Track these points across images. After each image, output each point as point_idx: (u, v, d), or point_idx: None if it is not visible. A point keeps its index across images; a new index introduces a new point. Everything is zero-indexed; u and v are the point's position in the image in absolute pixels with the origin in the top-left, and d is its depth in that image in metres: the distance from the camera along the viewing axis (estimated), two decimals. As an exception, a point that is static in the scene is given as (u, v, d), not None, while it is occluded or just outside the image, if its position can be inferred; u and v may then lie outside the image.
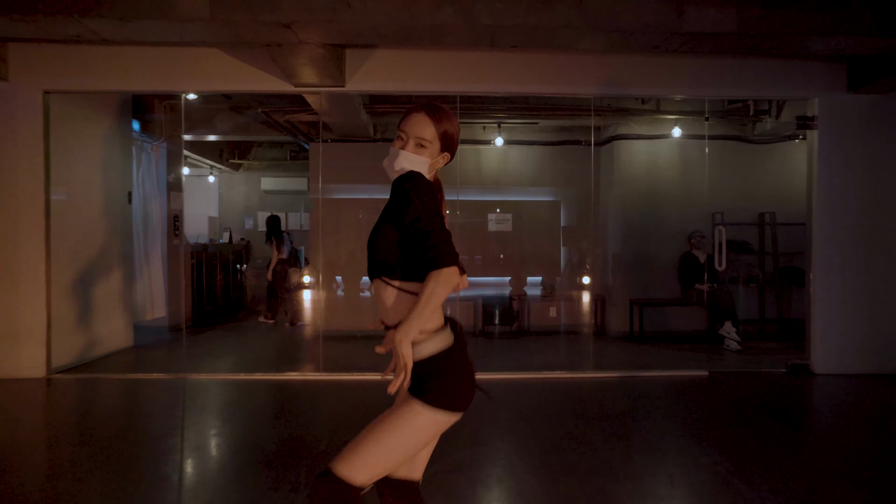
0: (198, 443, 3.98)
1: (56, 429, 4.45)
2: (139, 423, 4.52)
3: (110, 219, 6.95)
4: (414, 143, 1.88)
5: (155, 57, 5.67)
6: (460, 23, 4.24)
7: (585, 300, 8.96)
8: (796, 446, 4.01)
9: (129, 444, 3.95)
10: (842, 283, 6.02)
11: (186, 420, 4.46)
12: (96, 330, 6.64)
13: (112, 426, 4.42)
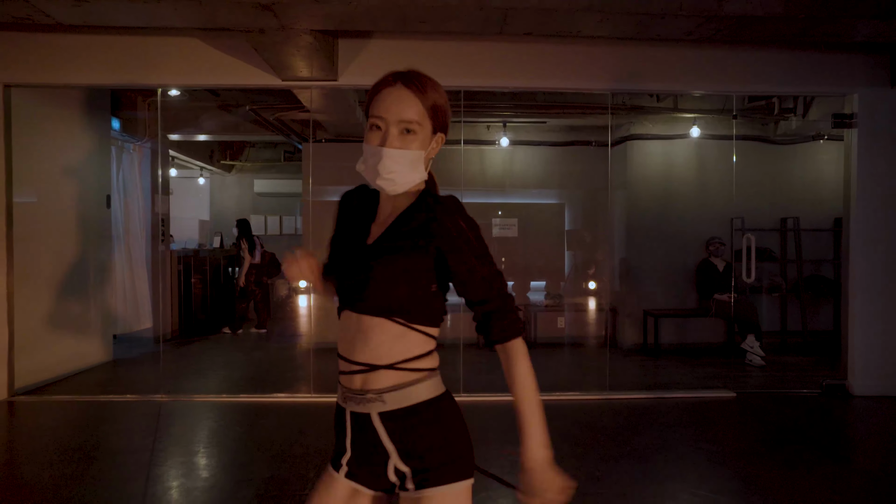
0: (164, 474, 3.43)
1: (13, 454, 3.90)
2: (100, 451, 3.97)
3: (85, 224, 6.41)
4: (398, 132, 1.37)
5: (128, 48, 5.13)
6: (468, 2, 3.70)
7: (592, 305, 8.43)
8: (840, 482, 3.46)
9: (88, 471, 3.41)
10: (883, 294, 5.48)
11: (155, 449, 3.91)
12: (69, 345, 6.10)
13: (73, 453, 3.87)
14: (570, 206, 8.87)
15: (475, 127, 8.33)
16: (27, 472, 3.65)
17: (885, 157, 5.46)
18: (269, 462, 3.77)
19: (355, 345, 1.35)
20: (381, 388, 1.33)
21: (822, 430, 4.59)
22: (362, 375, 1.35)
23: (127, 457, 3.89)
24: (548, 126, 8.32)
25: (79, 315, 6.32)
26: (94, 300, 6.60)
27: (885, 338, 5.47)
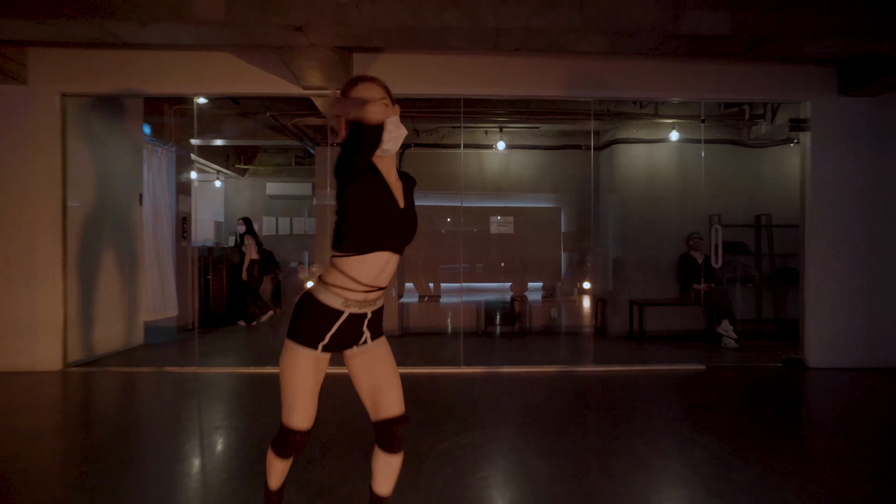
0: (215, 424, 4.13)
1: (72, 417, 4.61)
2: (150, 411, 4.68)
3: (122, 220, 7.13)
4: (384, 105, 2.09)
5: (168, 61, 5.88)
6: (465, 24, 4.43)
7: (586, 301, 9.13)
8: (788, 431, 4.16)
9: (139, 430, 4.11)
10: (834, 280, 6.19)
11: (197, 409, 4.62)
12: (108, 327, 6.81)
13: (124, 414, 4.58)
14: (566, 209, 9.59)
15: (474, 132, 9.07)
16: (87, 431, 4.35)
17: (835, 159, 6.17)
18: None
19: (381, 275, 2.11)
20: (376, 298, 2.16)
21: (776, 391, 5.28)
22: (376, 293, 2.14)
23: (168, 418, 4.59)
24: (541, 131, 9.05)
25: (118, 301, 7.03)
26: (128, 289, 7.31)
27: (835, 318, 6.17)
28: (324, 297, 2.08)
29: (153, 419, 4.43)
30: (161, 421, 4.34)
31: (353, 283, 2.06)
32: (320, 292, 2.09)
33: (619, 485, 3.12)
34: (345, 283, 2.06)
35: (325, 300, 2.08)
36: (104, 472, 3.30)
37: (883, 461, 3.53)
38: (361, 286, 2.07)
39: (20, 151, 5.79)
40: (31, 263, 5.81)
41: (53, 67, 5.82)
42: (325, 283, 2.10)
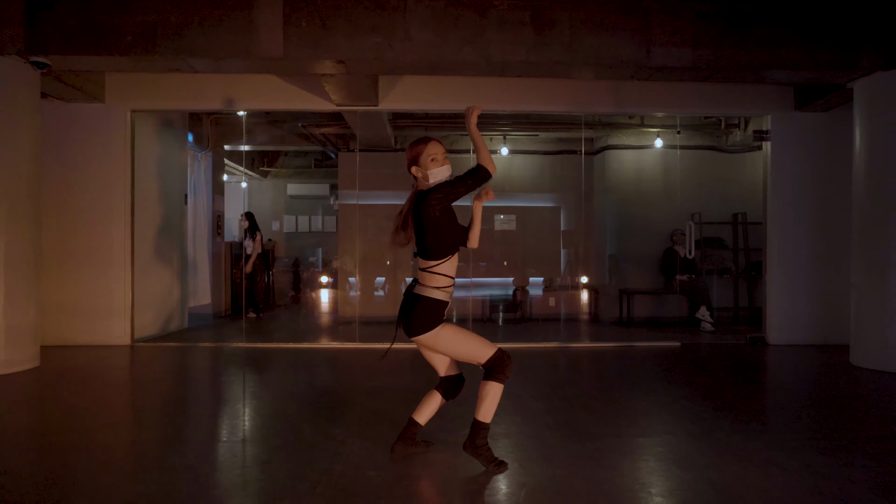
0: (267, 387, 5.18)
1: (147, 380, 5.66)
2: (205, 378, 5.74)
3: (172, 218, 8.16)
4: (442, 157, 3.05)
5: (221, 81, 6.91)
6: (478, 59, 5.46)
7: (583, 293, 10.17)
8: (743, 389, 5.19)
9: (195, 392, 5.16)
10: (791, 269, 7.22)
11: (250, 376, 5.66)
12: (163, 312, 7.85)
13: (186, 381, 5.63)
14: (565, 209, 10.60)
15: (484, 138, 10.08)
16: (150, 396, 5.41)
17: (792, 165, 7.20)
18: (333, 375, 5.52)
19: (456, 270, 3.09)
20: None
21: (737, 362, 6.30)
22: (453, 286, 3.05)
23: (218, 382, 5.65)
24: (540, 138, 10.08)
25: (169, 289, 8.07)
26: (177, 279, 8.35)
27: (792, 302, 7.20)
28: (439, 296, 2.97)
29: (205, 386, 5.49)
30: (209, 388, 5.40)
31: (449, 280, 3.01)
32: (436, 295, 2.95)
33: (600, 419, 4.15)
34: (446, 282, 2.99)
35: (441, 298, 2.97)
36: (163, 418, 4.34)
37: (816, 410, 4.57)
38: (452, 280, 3.05)
39: (97, 160, 6.83)
40: (106, 256, 6.86)
41: (125, 88, 6.86)
42: (434, 288, 2.95)
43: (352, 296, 9.77)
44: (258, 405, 4.53)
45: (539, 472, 3.07)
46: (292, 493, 2.74)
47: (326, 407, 4.37)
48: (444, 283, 3.00)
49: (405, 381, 5.25)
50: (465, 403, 3.49)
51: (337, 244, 10.55)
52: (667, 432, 3.81)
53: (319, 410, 4.26)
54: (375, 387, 4.97)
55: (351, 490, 2.78)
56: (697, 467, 3.11)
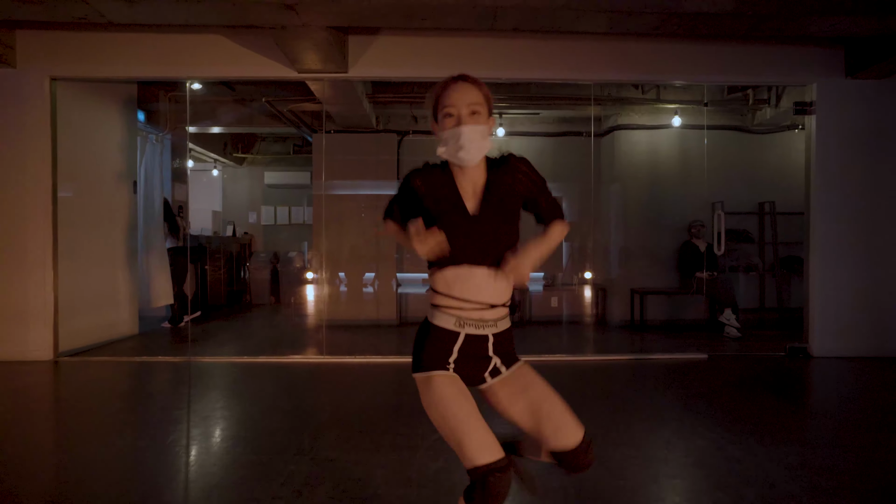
0: (204, 414, 4.04)
1: (62, 404, 4.52)
2: (141, 399, 4.59)
3: (116, 208, 7.02)
4: (468, 113, 1.79)
5: (159, 44, 5.74)
6: (463, 1, 4.30)
7: (587, 290, 9.03)
8: (791, 419, 4.06)
9: (131, 415, 4.02)
10: (839, 267, 6.07)
11: (191, 397, 4.53)
12: (102, 316, 6.72)
13: (115, 402, 4.49)
14: (567, 198, 9.45)
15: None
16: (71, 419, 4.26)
17: (840, 143, 6.05)
18: (290, 400, 4.37)
19: (480, 289, 1.81)
20: (495, 318, 1.85)
21: (780, 382, 5.17)
22: (481, 310, 1.82)
23: (157, 407, 4.50)
24: (541, 118, 8.92)
25: (112, 290, 6.93)
26: (123, 278, 7.21)
27: (840, 306, 6.06)
28: (431, 316, 1.89)
29: (143, 404, 4.35)
30: (152, 406, 4.26)
31: (453, 299, 1.85)
32: (429, 314, 1.90)
33: (615, 473, 3.02)
34: (448, 301, 1.85)
35: (431, 320, 1.88)
36: (81, 459, 3.21)
37: (883, 447, 3.43)
38: (467, 302, 1.83)
39: (9, 136, 5.68)
40: (21, 251, 5.71)
41: (43, 50, 5.69)
42: (430, 305, 1.90)
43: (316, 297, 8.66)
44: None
45: None
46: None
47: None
48: (438, 300, 1.88)
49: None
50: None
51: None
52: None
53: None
54: (295, 407, 3.84)
55: None
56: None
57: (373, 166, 8.72)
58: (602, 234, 8.96)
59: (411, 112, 8.55)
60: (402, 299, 8.73)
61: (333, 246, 8.57)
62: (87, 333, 6.42)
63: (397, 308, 8.63)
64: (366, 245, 8.70)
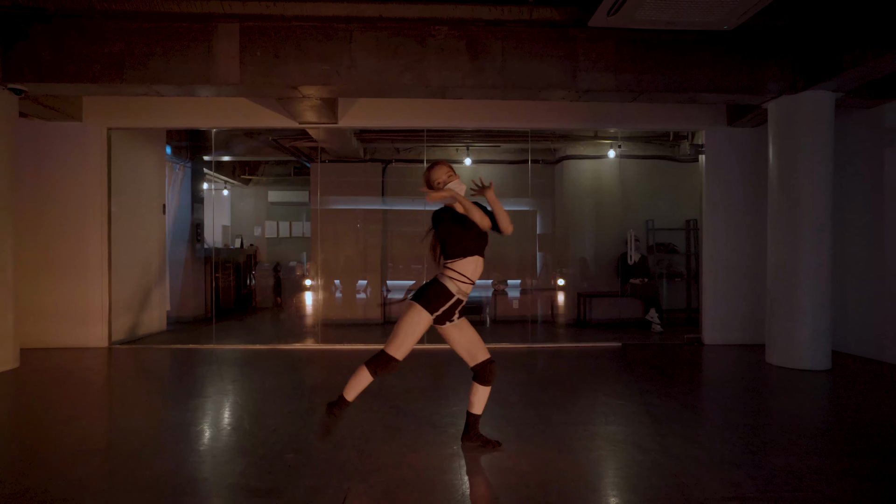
0: (236, 377, 5.69)
1: (122, 379, 6.17)
2: (184, 374, 6.25)
3: (150, 226, 8.67)
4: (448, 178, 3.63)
5: (193, 102, 7.43)
6: (418, 84, 5.98)
7: (543, 294, 10.67)
8: (658, 384, 5.69)
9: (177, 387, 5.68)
10: (724, 273, 7.73)
11: (222, 373, 6.18)
12: (141, 315, 8.36)
13: (166, 379, 6.15)
14: (541, 214, 11.05)
15: (446, 149, 10.62)
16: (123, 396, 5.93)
17: (725, 176, 7.72)
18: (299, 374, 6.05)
19: (476, 273, 3.55)
20: (469, 292, 3.58)
21: (666, 360, 6.81)
22: (469, 286, 3.54)
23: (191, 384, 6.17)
24: (502, 149, 10.59)
25: (147, 294, 8.58)
26: (155, 284, 8.86)
27: (725, 304, 7.72)
28: (448, 285, 3.50)
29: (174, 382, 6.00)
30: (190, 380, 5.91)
31: (465, 277, 3.53)
32: (445, 281, 3.49)
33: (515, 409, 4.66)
34: (461, 278, 3.51)
35: (449, 287, 3.49)
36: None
37: (729, 401, 5.09)
38: (465, 277, 3.53)
39: (75, 174, 7.35)
40: (82, 262, 7.37)
41: (102, 108, 7.38)
42: (448, 278, 3.47)
43: (316, 299, 10.30)
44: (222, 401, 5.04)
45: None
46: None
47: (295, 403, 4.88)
48: (454, 276, 3.51)
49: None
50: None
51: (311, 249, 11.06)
52: (540, 420, 4.32)
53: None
54: (318, 384, 5.48)
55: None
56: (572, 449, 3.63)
57: (362, 189, 10.39)
58: (558, 246, 10.61)
59: (393, 145, 10.22)
60: (387, 302, 10.37)
61: (329, 257, 10.24)
62: (130, 328, 8.06)
63: (382, 310, 10.28)
64: (357, 256, 10.36)
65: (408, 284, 10.70)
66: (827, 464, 3.47)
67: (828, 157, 6.13)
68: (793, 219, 6.20)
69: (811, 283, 6.14)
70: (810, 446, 3.79)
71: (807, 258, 6.14)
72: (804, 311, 6.15)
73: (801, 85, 6.01)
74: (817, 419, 4.53)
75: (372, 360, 3.46)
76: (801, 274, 6.16)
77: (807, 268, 6.14)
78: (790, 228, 6.23)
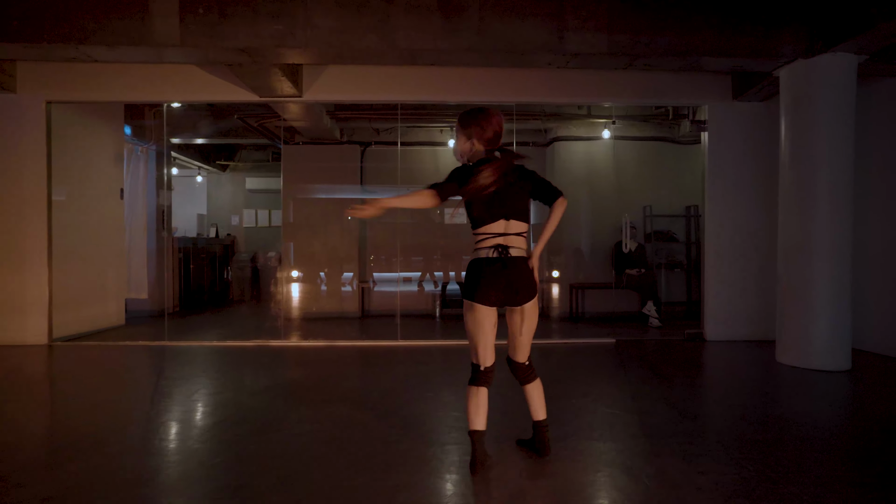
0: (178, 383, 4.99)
1: (54, 379, 5.47)
2: (125, 374, 5.54)
3: (104, 213, 7.95)
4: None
5: (142, 72, 6.70)
6: (383, 47, 5.25)
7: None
8: (654, 387, 5.00)
9: (113, 391, 4.97)
10: (728, 263, 7.03)
11: (169, 372, 5.48)
12: (92, 308, 7.64)
13: (104, 379, 5.44)
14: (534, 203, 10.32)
15: (430, 130, 9.90)
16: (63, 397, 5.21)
17: (730, 155, 7.00)
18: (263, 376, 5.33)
19: (511, 228, 3.02)
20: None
21: (666, 358, 6.11)
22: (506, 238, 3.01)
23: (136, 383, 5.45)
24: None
25: (101, 285, 7.87)
26: (111, 274, 8.14)
27: (728, 296, 7.02)
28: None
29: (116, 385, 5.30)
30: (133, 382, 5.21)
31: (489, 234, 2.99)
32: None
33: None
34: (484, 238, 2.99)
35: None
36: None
37: (736, 409, 4.39)
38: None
39: (9, 153, 6.62)
40: (19, 251, 6.65)
41: (40, 79, 6.64)
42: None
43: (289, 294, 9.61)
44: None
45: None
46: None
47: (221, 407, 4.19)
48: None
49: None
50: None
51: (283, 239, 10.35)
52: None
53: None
54: (267, 386, 4.79)
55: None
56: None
57: (339, 174, 9.66)
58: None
59: (371, 125, 9.49)
60: (365, 294, 9.67)
61: (302, 248, 9.53)
62: (79, 322, 7.34)
63: (360, 303, 9.58)
64: (333, 248, 9.65)
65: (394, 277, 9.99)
66: (865, 499, 2.77)
67: (849, 129, 5.41)
68: (808, 199, 5.49)
69: (828, 270, 5.43)
70: (840, 472, 3.08)
71: (823, 243, 5.44)
72: (820, 302, 5.45)
73: (820, 46, 5.28)
74: (843, 433, 3.81)
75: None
76: (816, 260, 5.45)
77: (823, 253, 5.44)
78: (804, 209, 5.52)
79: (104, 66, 6.60)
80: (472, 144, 2.98)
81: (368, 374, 5.53)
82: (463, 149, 3.01)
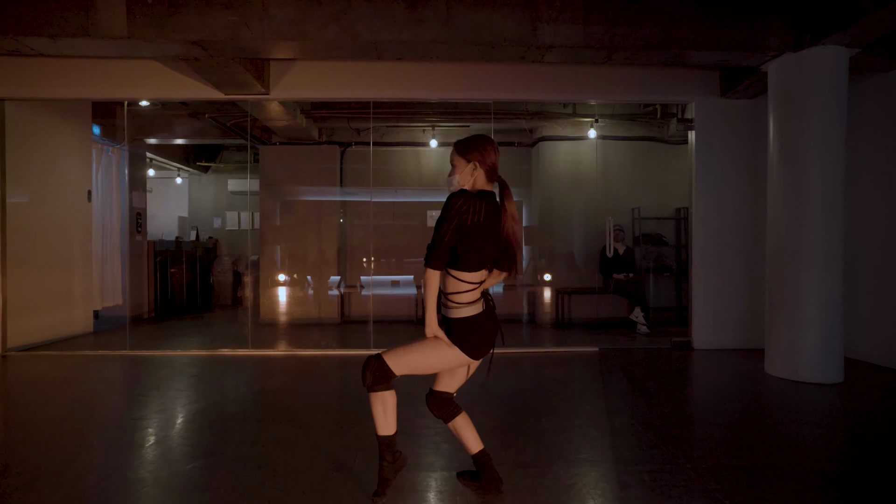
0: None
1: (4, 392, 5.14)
2: (77, 387, 5.21)
3: (69, 215, 7.62)
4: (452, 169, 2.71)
5: (102, 69, 6.36)
6: (345, 39, 4.93)
7: (517, 293, 9.63)
8: (634, 404, 4.67)
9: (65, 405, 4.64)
10: (717, 268, 6.70)
11: (117, 386, 5.15)
12: (55, 315, 7.31)
13: (57, 392, 5.12)
14: (528, 204, 10.01)
15: (412, 131, 9.57)
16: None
17: (718, 155, 6.68)
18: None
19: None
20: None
21: (644, 370, 5.78)
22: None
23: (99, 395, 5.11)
24: (472, 129, 9.52)
25: (66, 292, 7.53)
26: (77, 280, 7.81)
27: (717, 302, 6.69)
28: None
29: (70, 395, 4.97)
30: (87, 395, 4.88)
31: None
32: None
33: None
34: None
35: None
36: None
37: (723, 431, 4.06)
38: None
39: (-39, 153, 6.30)
40: (-28, 256, 6.33)
41: (-10, 75, 6.32)
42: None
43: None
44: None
45: None
46: None
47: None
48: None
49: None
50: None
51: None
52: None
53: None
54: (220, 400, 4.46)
55: None
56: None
57: (316, 175, 9.33)
58: (533, 239, 9.57)
59: (350, 125, 9.17)
60: (344, 299, 9.34)
61: (280, 251, 9.20)
62: (40, 331, 7.01)
63: (339, 308, 9.25)
64: (310, 252, 9.32)
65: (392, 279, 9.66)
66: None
67: (840, 126, 5.08)
68: (797, 201, 5.16)
69: (818, 277, 5.11)
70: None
71: (813, 247, 5.11)
72: (810, 310, 5.13)
73: (809, 39, 4.96)
74: (841, 459, 3.47)
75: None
76: (806, 266, 5.12)
77: (814, 258, 5.11)
78: (794, 212, 5.19)
79: (61, 62, 6.28)
80: (473, 172, 2.70)
81: (327, 386, 5.21)
82: (463, 179, 2.68)
